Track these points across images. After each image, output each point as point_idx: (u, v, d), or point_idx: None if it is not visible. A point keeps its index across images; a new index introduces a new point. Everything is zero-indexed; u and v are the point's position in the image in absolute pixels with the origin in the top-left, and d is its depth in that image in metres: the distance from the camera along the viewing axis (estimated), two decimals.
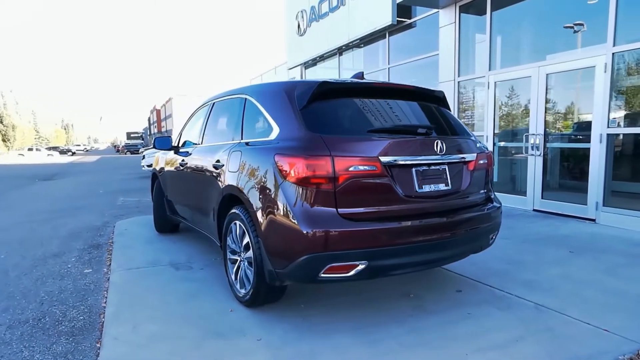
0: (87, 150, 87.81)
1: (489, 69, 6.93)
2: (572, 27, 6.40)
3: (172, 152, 4.87)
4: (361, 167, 2.47)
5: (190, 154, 4.16)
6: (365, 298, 3.20)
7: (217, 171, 3.36)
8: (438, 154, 2.73)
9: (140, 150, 54.60)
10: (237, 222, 3.05)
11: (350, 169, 2.45)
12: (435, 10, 8.35)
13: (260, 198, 2.69)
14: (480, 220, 2.90)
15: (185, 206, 4.36)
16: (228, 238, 3.24)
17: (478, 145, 3.10)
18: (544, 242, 4.66)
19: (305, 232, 2.40)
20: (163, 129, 74.63)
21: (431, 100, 3.21)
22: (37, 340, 2.66)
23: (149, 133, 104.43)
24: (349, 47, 13.21)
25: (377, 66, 11.99)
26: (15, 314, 3.09)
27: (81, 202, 8.86)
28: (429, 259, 2.73)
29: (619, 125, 5.34)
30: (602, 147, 5.37)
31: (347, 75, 13.71)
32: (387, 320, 2.82)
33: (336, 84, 2.83)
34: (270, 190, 2.61)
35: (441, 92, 3.29)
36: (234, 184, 3.00)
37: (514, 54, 6.86)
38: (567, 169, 6.23)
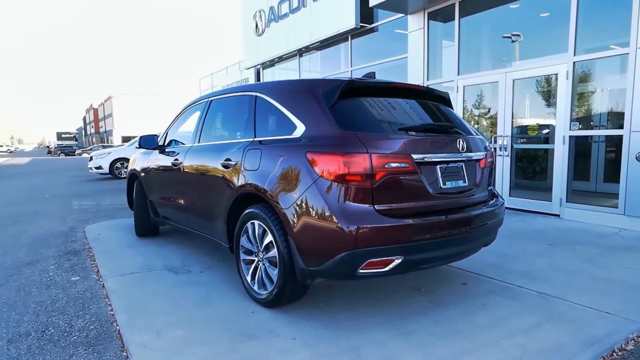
0: (10, 152, 78.74)
1: (458, 74, 7.29)
2: (510, 37, 6.92)
3: (156, 151, 4.67)
4: (395, 164, 2.54)
5: (184, 153, 4.01)
6: (380, 293, 3.27)
7: (227, 170, 3.27)
8: (460, 152, 2.87)
9: (76, 152, 51.52)
10: (256, 222, 2.99)
11: (386, 166, 2.50)
12: (400, 15, 8.65)
13: (289, 196, 2.66)
14: (491, 215, 3.07)
15: (178, 208, 4.19)
16: (242, 238, 3.17)
17: (485, 143, 3.28)
18: (523, 237, 4.98)
19: (345, 228, 2.42)
20: (101, 129, 70.46)
21: (439, 100, 3.34)
22: (50, 353, 2.46)
23: (84, 133, 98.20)
24: (309, 49, 13.28)
25: (338, 68, 12.16)
26: (10, 327, 2.82)
27: (31, 207, 8.19)
28: (454, 252, 2.85)
29: (579, 128, 5.83)
30: (565, 148, 5.85)
31: (307, 77, 13.77)
32: (410, 314, 2.90)
33: (361, 83, 2.88)
34: (302, 188, 2.60)
35: (447, 94, 3.44)
36: (254, 182, 2.95)
37: (482, 59, 7.28)
38: (533, 169, 6.70)
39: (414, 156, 2.60)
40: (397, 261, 2.52)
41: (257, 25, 15.12)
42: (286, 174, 2.72)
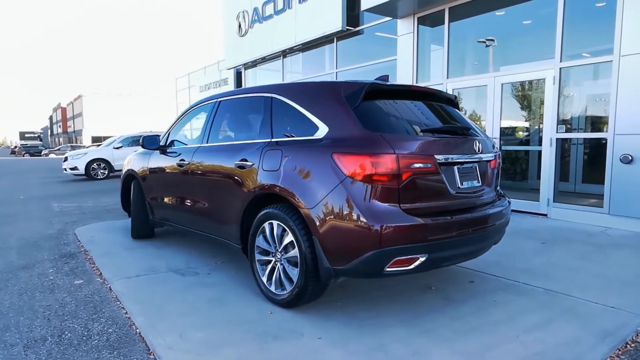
0: None
1: (447, 77, 7.47)
2: (484, 42, 7.18)
3: (157, 152, 4.59)
4: (420, 165, 2.60)
5: (191, 154, 3.96)
6: (393, 292, 3.33)
7: (243, 171, 3.26)
8: (476, 153, 2.96)
9: (43, 152, 49.55)
10: (274, 222, 3.00)
11: (412, 166, 2.57)
12: (387, 18, 8.79)
13: (314, 196, 2.68)
14: (501, 214, 3.18)
15: (183, 210, 4.12)
16: (258, 239, 3.17)
17: (494, 145, 3.39)
18: (516, 236, 5.15)
19: (373, 227, 2.46)
20: (70, 129, 68.09)
21: (449, 103, 3.43)
22: (74, 357, 2.39)
23: (50, 133, 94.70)
24: (293, 50, 13.29)
25: (323, 70, 12.23)
26: (23, 332, 2.73)
27: (7, 210, 7.86)
28: (471, 250, 2.94)
29: (566, 131, 6.09)
30: (552, 150, 6.09)
31: (292, 78, 13.77)
32: (426, 311, 2.97)
33: (383, 85, 2.93)
34: (328, 188, 2.63)
35: (455, 96, 3.54)
36: (274, 183, 2.96)
37: (471, 63, 7.48)
38: (521, 170, 6.94)
39: (437, 157, 2.67)
40: (422, 259, 2.58)
41: (240, 26, 15.01)
42: (310, 174, 2.74)
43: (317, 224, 2.65)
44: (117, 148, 14.39)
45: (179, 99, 29.20)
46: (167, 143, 4.55)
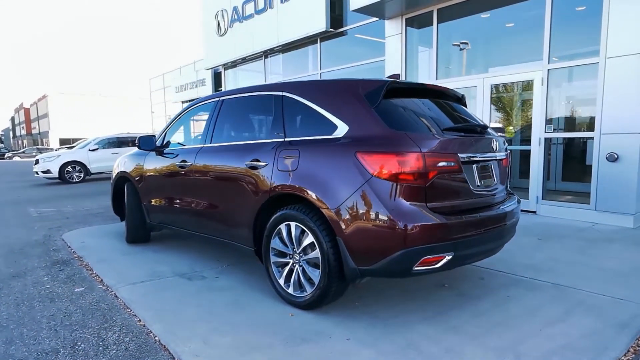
0: None
1: (436, 78, 7.57)
2: (458, 45, 7.37)
3: (153, 153, 4.45)
4: (444, 163, 2.61)
5: (194, 154, 3.85)
6: (407, 291, 3.33)
7: (255, 171, 3.19)
8: (493, 151, 3.00)
9: (6, 155, 47.28)
10: (292, 223, 2.95)
11: (438, 165, 2.57)
12: (373, 19, 8.85)
13: (337, 196, 2.65)
14: (515, 212, 3.23)
15: (186, 212, 4.00)
16: (273, 240, 3.11)
17: (505, 143, 3.45)
18: None
19: (402, 227, 2.45)
20: (34, 131, 65.29)
21: (458, 101, 3.46)
22: None
23: (12, 135, 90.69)
24: (274, 50, 13.20)
25: (307, 71, 12.19)
26: (29, 345, 2.57)
27: None
28: (491, 247, 2.97)
29: (554, 130, 6.28)
30: (540, 149, 6.26)
31: (274, 79, 13.66)
32: (447, 309, 2.98)
33: (402, 84, 2.93)
34: (352, 188, 2.60)
35: (463, 95, 3.58)
36: (291, 183, 2.90)
37: (459, 64, 7.60)
38: (510, 168, 7.10)
39: (460, 155, 2.69)
40: (448, 257, 2.59)
41: (219, 25, 14.79)
42: (332, 174, 2.71)
43: (342, 224, 2.62)
44: (93, 150, 13.90)
45: (154, 99, 28.57)
46: (164, 144, 4.42)
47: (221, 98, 3.89)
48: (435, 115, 2.97)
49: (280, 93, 3.30)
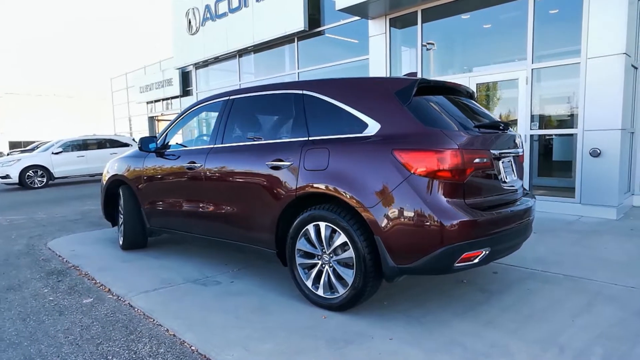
0: None
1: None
2: (425, 45, 7.58)
3: (154, 155, 4.27)
4: (479, 160, 2.65)
5: (204, 155, 3.71)
6: (429, 287, 3.35)
7: (279, 172, 3.11)
8: (517, 148, 3.07)
9: None
10: (321, 223, 2.90)
11: (474, 161, 2.61)
12: (353, 18, 8.90)
13: (374, 194, 2.63)
14: (534, 209, 3.31)
15: (196, 216, 3.83)
16: (299, 242, 3.04)
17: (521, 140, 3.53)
18: None
19: (444, 224, 2.46)
20: None
21: (472, 97, 3.51)
22: None
23: None
24: (247, 50, 13.00)
25: (283, 70, 12.09)
26: None
27: None
28: (517, 242, 3.04)
29: (538, 128, 6.52)
30: (526, 146, 6.48)
31: (249, 79, 13.45)
32: (474, 304, 3.02)
33: (431, 81, 2.94)
34: (390, 186, 2.58)
35: (473, 91, 3.64)
36: (321, 183, 2.85)
37: (445, 64, 7.76)
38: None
39: (492, 152, 2.73)
40: (485, 252, 2.62)
41: (190, 23, 14.41)
42: (367, 173, 2.68)
43: (380, 223, 2.60)
44: (57, 153, 13.16)
45: (116, 100, 27.46)
46: (165, 145, 4.24)
47: (231, 97, 3.77)
48: (463, 113, 3.00)
49: (300, 92, 3.23)
